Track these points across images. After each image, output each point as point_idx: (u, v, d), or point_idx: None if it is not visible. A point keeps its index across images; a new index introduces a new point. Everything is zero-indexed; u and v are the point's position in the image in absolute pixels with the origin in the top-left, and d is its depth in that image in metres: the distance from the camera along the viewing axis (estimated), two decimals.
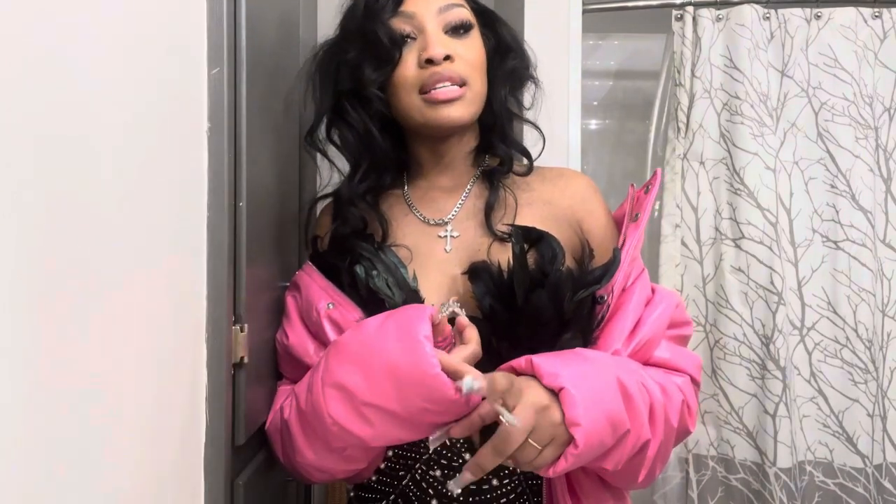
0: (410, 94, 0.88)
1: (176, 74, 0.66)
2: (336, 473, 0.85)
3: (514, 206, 0.91)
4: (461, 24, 0.89)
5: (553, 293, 0.80)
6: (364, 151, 0.92)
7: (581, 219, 0.92)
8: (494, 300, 0.82)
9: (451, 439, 0.85)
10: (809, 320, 1.44)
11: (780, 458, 1.38)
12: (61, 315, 0.47)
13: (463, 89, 0.87)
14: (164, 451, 0.64)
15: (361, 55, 0.89)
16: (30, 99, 0.43)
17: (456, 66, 0.86)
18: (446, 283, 0.88)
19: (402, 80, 0.88)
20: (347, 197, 0.92)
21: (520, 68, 0.96)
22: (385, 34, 0.87)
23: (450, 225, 0.92)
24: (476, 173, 0.95)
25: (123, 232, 0.56)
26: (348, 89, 0.90)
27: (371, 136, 0.91)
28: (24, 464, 0.43)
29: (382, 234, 0.91)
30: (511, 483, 0.85)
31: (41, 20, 0.45)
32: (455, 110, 0.87)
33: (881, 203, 1.45)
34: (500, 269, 0.83)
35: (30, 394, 0.43)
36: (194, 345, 0.71)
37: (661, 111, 1.59)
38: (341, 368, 0.76)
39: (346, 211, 0.92)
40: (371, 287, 0.85)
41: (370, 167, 0.92)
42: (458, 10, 0.89)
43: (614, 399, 0.74)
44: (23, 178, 0.42)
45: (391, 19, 0.88)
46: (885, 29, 1.46)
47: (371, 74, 0.88)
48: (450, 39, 0.88)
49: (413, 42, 0.88)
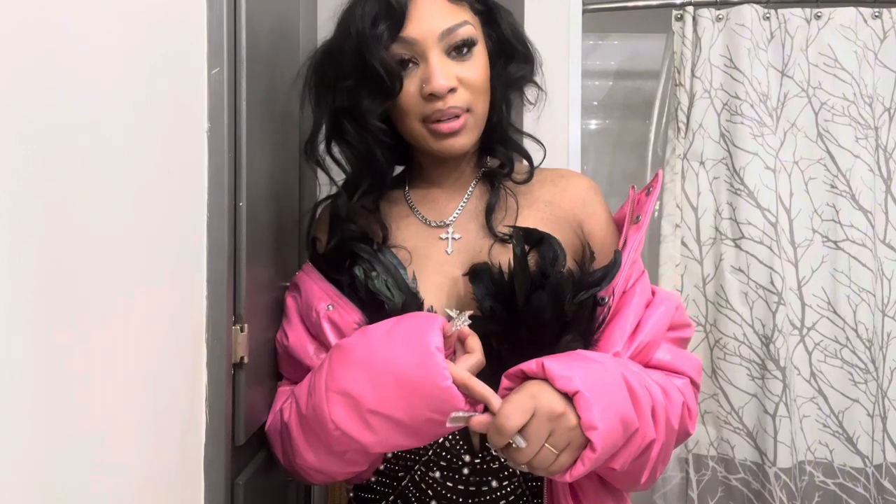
0: (413, 122, 0.86)
1: (176, 74, 0.66)
2: (335, 475, 0.85)
3: (514, 208, 0.91)
4: (464, 43, 0.84)
5: (554, 295, 0.80)
6: (365, 171, 0.90)
7: (582, 221, 0.92)
8: (495, 302, 0.82)
9: (450, 441, 0.85)
10: (809, 320, 1.44)
11: (780, 458, 1.38)
12: (61, 315, 0.47)
13: (464, 118, 0.85)
14: (164, 451, 0.64)
15: (359, 84, 0.85)
16: (30, 99, 0.43)
17: (459, 96, 0.84)
18: (446, 284, 0.88)
19: (404, 107, 0.85)
20: (346, 214, 0.90)
21: (522, 73, 0.93)
22: (384, 66, 0.82)
23: (451, 227, 0.92)
24: (478, 175, 0.95)
25: (123, 232, 0.56)
26: (348, 109, 0.87)
27: (373, 156, 0.88)
28: (23, 464, 0.43)
29: (383, 237, 0.91)
30: (511, 485, 0.85)
31: (41, 20, 0.45)
32: (459, 140, 0.86)
33: (881, 203, 1.45)
34: (501, 271, 0.83)
35: (30, 394, 0.43)
36: (194, 345, 0.71)
37: (661, 111, 1.59)
38: (347, 374, 0.76)
39: (343, 227, 0.90)
40: (370, 288, 0.84)
41: (371, 186, 0.90)
42: (462, 30, 0.84)
43: (624, 398, 0.74)
44: (22, 178, 0.42)
45: (390, 45, 0.83)
46: (885, 29, 1.46)
47: (370, 105, 0.85)
48: (453, 63, 0.84)
49: (415, 68, 0.84)
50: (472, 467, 0.84)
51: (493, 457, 0.85)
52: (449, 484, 0.84)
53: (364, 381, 0.74)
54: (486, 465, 0.85)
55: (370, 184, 0.90)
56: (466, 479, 0.84)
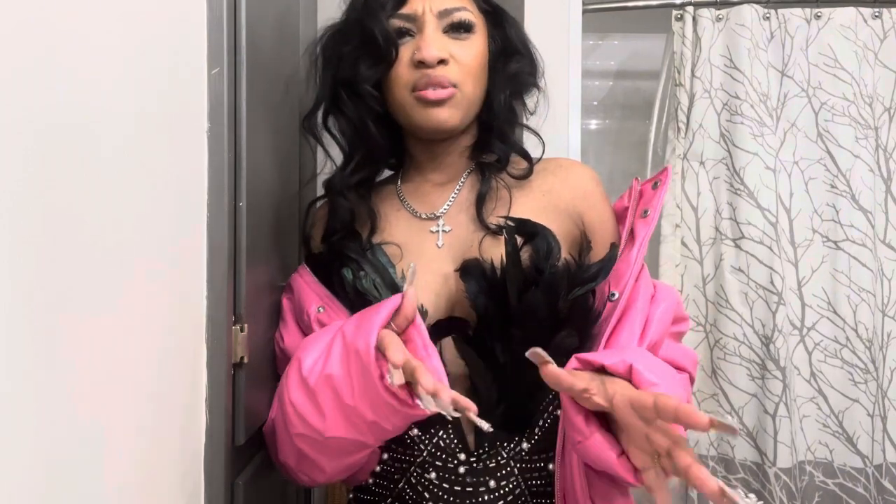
0: (403, 92, 0.87)
1: (176, 74, 0.66)
2: (316, 477, 0.83)
3: (507, 198, 0.89)
4: (461, 24, 0.87)
5: (548, 291, 0.79)
6: (358, 143, 0.92)
7: (583, 212, 0.90)
8: (487, 299, 0.81)
9: (444, 441, 0.84)
10: (809, 320, 1.44)
11: (780, 458, 1.38)
12: (61, 315, 0.47)
13: (453, 91, 0.86)
14: (164, 451, 0.64)
15: (358, 50, 0.88)
16: (29, 99, 0.43)
17: (448, 70, 0.85)
18: (437, 281, 0.87)
19: (396, 77, 0.87)
20: (338, 187, 0.91)
21: (523, 73, 0.94)
22: (381, 33, 0.86)
23: (441, 219, 0.90)
24: (471, 167, 0.94)
25: (123, 232, 0.56)
26: (346, 80, 0.90)
27: (366, 128, 0.90)
28: (24, 464, 0.43)
29: (371, 228, 0.90)
30: (509, 484, 0.84)
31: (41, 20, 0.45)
32: (444, 112, 0.86)
33: (881, 203, 1.45)
34: (493, 267, 0.82)
35: (29, 394, 0.43)
36: (194, 345, 0.71)
37: (661, 111, 1.59)
38: (306, 354, 0.77)
39: (335, 201, 0.91)
40: (358, 289, 0.84)
41: (363, 159, 0.92)
42: (461, 13, 0.88)
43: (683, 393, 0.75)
44: (22, 178, 0.42)
45: (391, 17, 0.87)
46: (885, 29, 1.46)
47: (366, 71, 0.88)
48: (448, 40, 0.87)
49: (411, 39, 0.87)
50: (469, 467, 0.84)
51: (490, 455, 0.84)
52: (445, 485, 0.84)
53: (316, 354, 0.76)
54: (483, 465, 0.84)
55: (363, 157, 0.91)
56: (463, 479, 0.84)
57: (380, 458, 0.88)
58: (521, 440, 0.84)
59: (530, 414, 0.84)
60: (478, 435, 0.84)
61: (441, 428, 0.85)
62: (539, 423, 0.85)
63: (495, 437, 0.84)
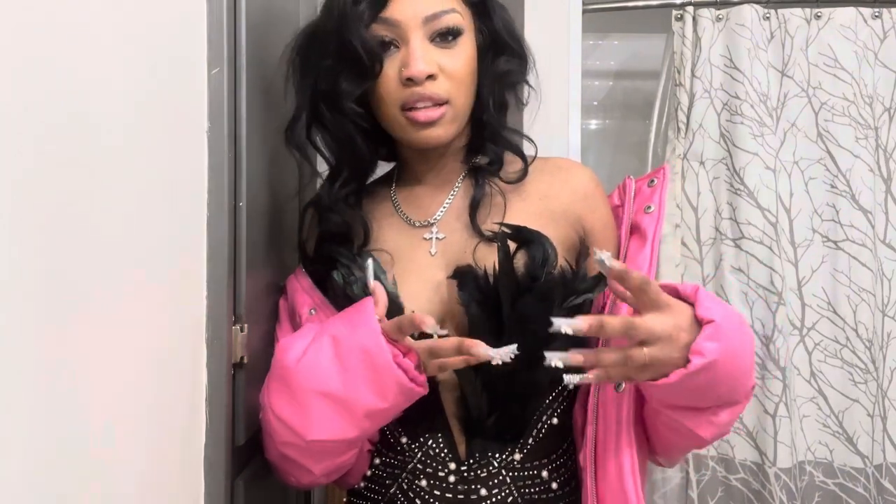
0: (393, 110, 0.83)
1: (176, 74, 0.66)
2: (301, 478, 0.83)
3: (502, 204, 0.86)
4: (449, 31, 0.81)
5: (542, 300, 0.77)
6: (345, 157, 0.88)
7: (582, 216, 0.88)
8: (480, 307, 0.79)
9: (434, 450, 0.83)
10: (809, 320, 1.44)
11: (780, 458, 1.38)
12: (61, 315, 0.47)
13: (443, 108, 0.81)
14: (164, 451, 0.64)
15: (339, 64, 0.81)
16: (30, 99, 0.43)
17: (438, 84, 0.81)
18: (429, 288, 0.85)
19: (383, 95, 0.82)
20: (327, 203, 0.87)
21: (513, 70, 0.89)
22: (363, 47, 0.79)
23: (435, 227, 0.88)
24: (464, 172, 0.90)
25: (123, 232, 0.56)
26: (326, 94, 0.84)
27: (353, 142, 0.86)
28: (24, 464, 0.43)
29: (364, 236, 0.87)
30: (501, 493, 0.82)
31: (41, 20, 0.45)
32: (437, 130, 0.82)
33: (881, 203, 1.45)
34: (486, 274, 0.79)
35: (29, 394, 0.43)
36: (194, 345, 0.71)
37: (661, 111, 1.59)
38: (285, 355, 0.79)
39: (326, 217, 0.88)
40: (349, 294, 0.82)
41: (352, 174, 0.88)
42: (448, 17, 0.81)
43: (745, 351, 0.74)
44: (23, 178, 0.42)
45: (372, 23, 0.80)
46: (885, 29, 1.46)
47: (348, 87, 0.82)
48: (435, 50, 0.81)
49: (395, 51, 0.81)
50: (459, 476, 0.82)
51: (480, 464, 0.82)
52: (436, 493, 0.82)
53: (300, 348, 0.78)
54: (473, 473, 0.82)
55: (350, 172, 0.88)
56: (454, 487, 0.82)
57: (371, 463, 0.87)
58: (514, 451, 0.83)
59: (523, 424, 0.83)
60: (468, 445, 0.83)
61: (431, 437, 0.83)
62: (532, 433, 0.83)
63: (486, 448, 0.82)
